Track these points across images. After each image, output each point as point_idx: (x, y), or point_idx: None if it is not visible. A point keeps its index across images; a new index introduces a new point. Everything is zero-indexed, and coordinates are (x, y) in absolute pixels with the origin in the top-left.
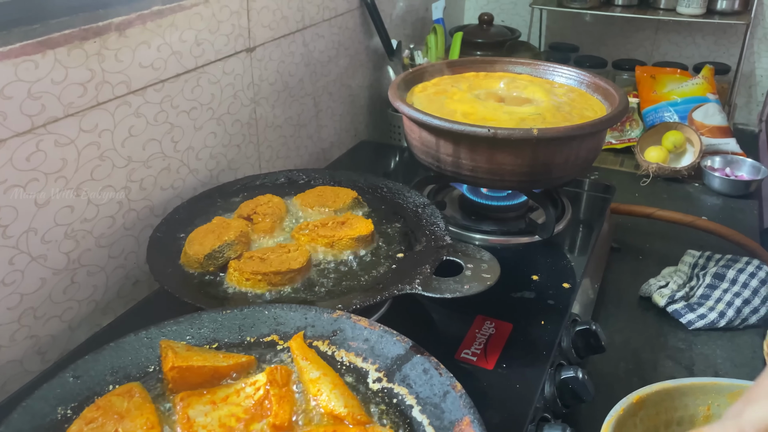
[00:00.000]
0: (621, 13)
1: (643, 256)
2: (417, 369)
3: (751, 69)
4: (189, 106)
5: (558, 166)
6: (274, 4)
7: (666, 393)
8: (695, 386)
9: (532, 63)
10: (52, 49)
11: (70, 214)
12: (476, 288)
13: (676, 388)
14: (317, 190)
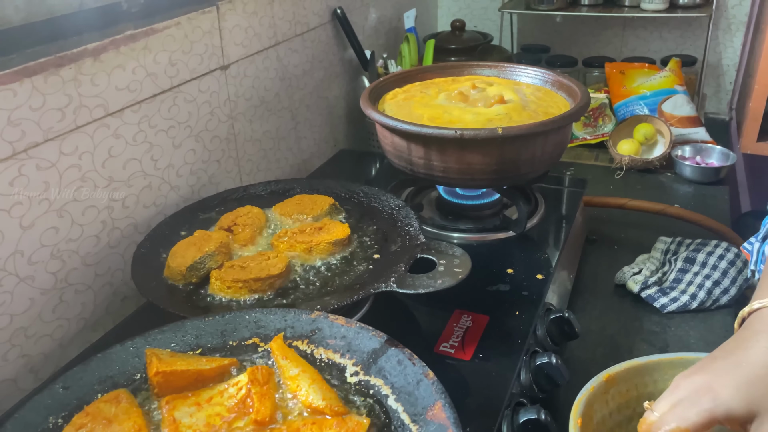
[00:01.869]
0: (588, 13)
1: (618, 246)
2: (392, 361)
3: (717, 59)
4: (167, 125)
5: (525, 162)
6: (245, 23)
7: (635, 370)
8: (663, 362)
9: (499, 65)
10: (29, 77)
11: (55, 235)
12: (449, 282)
13: (645, 364)
14: (295, 198)
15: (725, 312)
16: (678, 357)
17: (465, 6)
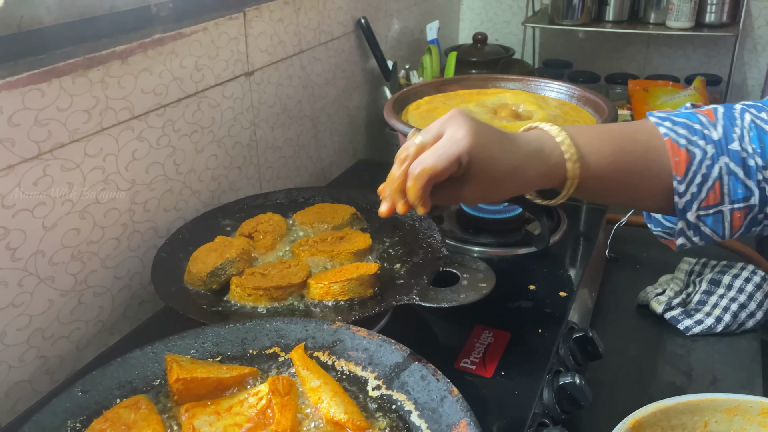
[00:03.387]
0: (612, 29)
1: (640, 265)
2: (415, 375)
3: (742, 79)
4: (190, 130)
5: None
6: (271, 30)
7: (662, 413)
8: (691, 404)
9: (524, 79)
10: (58, 78)
11: (77, 237)
12: (472, 297)
13: (673, 407)
14: (316, 207)
15: (751, 336)
16: (707, 398)
17: (487, 19)
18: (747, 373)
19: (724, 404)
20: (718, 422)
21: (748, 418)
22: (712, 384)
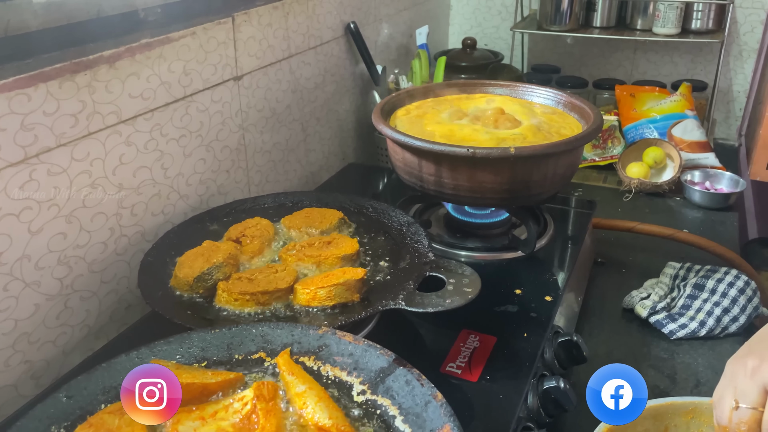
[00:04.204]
0: (599, 35)
1: (626, 269)
2: (400, 381)
3: (728, 85)
4: (178, 134)
5: (536, 182)
6: (260, 34)
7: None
8: (651, 409)
9: (511, 85)
10: (44, 83)
11: (63, 241)
12: (458, 302)
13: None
14: (304, 212)
15: (734, 340)
16: (665, 403)
17: (476, 24)
18: None
19: (681, 407)
20: (677, 426)
21: (703, 419)
22: (696, 387)
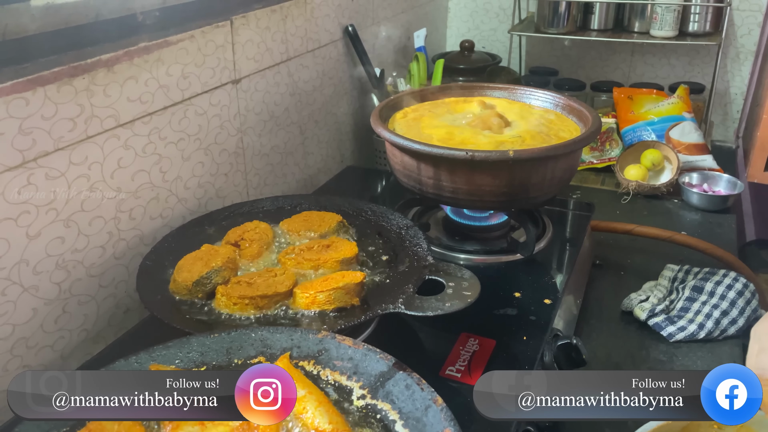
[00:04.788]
0: (596, 37)
1: (624, 272)
2: (400, 385)
3: (725, 87)
4: (177, 137)
5: (535, 185)
6: (258, 38)
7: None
8: None
9: (509, 87)
10: (42, 87)
11: (61, 245)
12: (457, 305)
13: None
14: (303, 215)
15: (733, 343)
16: None
17: (474, 27)
18: None
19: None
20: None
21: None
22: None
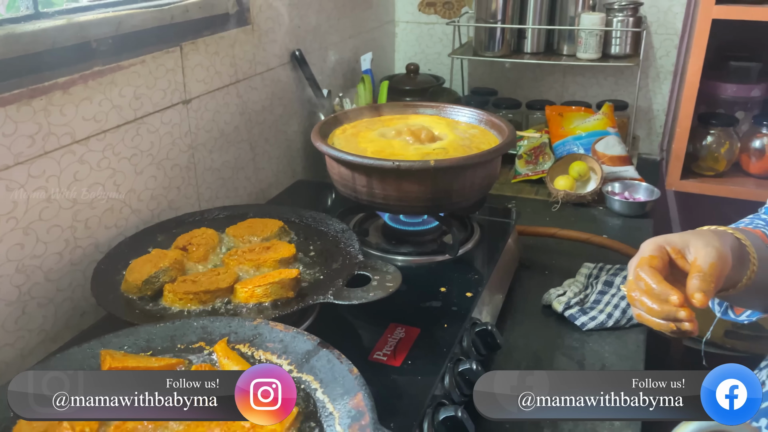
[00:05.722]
0: (528, 60)
1: (548, 271)
2: (322, 360)
3: (648, 104)
4: (130, 153)
5: (457, 191)
6: (207, 62)
7: None
8: None
9: (439, 106)
10: (3, 107)
11: (21, 251)
12: (380, 294)
13: None
14: (248, 222)
15: (638, 330)
16: None
17: (420, 51)
18: (632, 361)
19: None
20: None
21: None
22: (601, 369)
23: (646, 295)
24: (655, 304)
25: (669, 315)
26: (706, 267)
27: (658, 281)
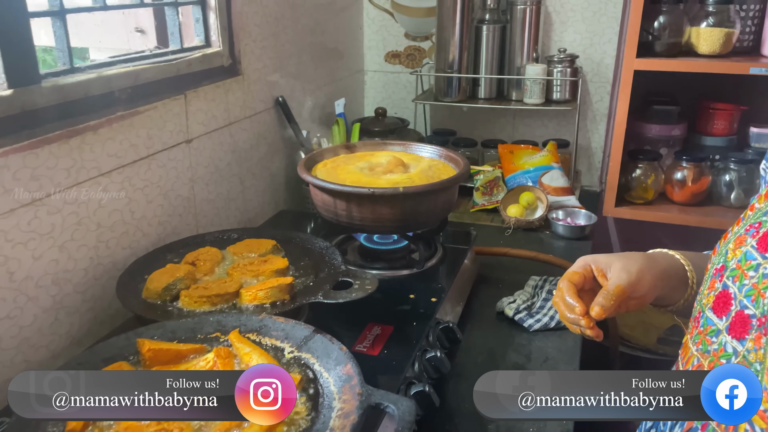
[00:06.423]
0: (482, 105)
1: (502, 284)
2: (317, 342)
3: (587, 143)
4: (143, 185)
5: (422, 213)
6: (206, 107)
7: None
8: None
9: (406, 143)
10: (48, 145)
11: (56, 266)
12: (360, 294)
13: None
14: (245, 242)
15: None
16: None
17: (387, 96)
18: (570, 354)
19: None
20: None
21: None
22: (544, 362)
23: (561, 303)
24: (566, 311)
25: (575, 321)
26: (612, 288)
27: (570, 294)
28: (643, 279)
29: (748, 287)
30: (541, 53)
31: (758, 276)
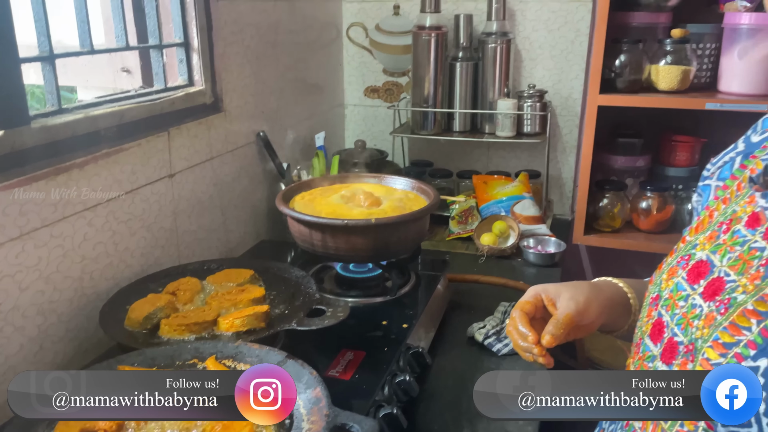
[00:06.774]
0: (457, 138)
1: (473, 310)
2: (290, 367)
3: (558, 173)
4: (126, 218)
5: (394, 243)
6: (188, 143)
7: None
8: None
9: (380, 176)
10: (36, 182)
11: (42, 297)
12: (332, 322)
13: None
14: (224, 272)
15: None
16: None
17: (366, 129)
18: None
19: None
20: None
21: None
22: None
23: (514, 332)
24: (519, 339)
25: (527, 349)
26: (561, 317)
27: (522, 323)
28: (590, 307)
29: (678, 316)
30: (512, 88)
31: (687, 306)
